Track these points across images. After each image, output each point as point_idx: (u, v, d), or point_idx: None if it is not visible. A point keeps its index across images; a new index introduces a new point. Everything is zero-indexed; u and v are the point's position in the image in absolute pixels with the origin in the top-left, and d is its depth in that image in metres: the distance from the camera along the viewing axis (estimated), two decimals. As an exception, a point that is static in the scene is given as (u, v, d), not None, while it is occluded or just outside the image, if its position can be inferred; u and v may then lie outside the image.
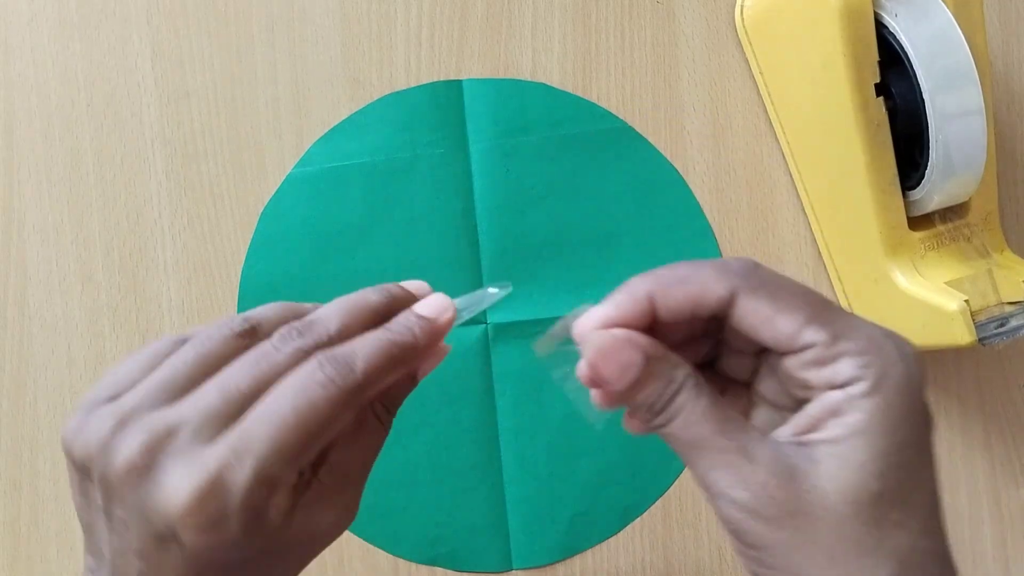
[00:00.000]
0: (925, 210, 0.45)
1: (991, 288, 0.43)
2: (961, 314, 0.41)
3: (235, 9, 0.52)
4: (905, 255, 0.45)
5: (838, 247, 0.49)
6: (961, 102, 0.41)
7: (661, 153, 0.51)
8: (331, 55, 0.51)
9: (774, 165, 0.51)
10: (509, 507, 0.50)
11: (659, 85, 0.52)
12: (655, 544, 0.50)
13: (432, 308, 0.31)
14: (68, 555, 0.51)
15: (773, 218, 0.51)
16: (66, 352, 0.51)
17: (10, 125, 0.52)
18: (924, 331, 0.44)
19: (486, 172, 0.51)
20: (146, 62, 0.52)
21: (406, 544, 0.50)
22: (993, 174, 0.46)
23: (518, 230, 0.51)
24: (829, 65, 0.43)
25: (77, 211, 0.51)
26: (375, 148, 0.51)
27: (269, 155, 0.51)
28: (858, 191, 0.44)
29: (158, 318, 0.51)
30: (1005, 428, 0.51)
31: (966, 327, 0.41)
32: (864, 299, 0.48)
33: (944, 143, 0.42)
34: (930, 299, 0.43)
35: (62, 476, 0.51)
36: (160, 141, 0.51)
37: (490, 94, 0.51)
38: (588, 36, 0.52)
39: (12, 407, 0.51)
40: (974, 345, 0.41)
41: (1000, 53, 0.52)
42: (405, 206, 0.51)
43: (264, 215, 0.51)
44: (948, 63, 0.41)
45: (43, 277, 0.51)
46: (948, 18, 0.42)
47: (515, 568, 0.50)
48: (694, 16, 0.52)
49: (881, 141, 0.43)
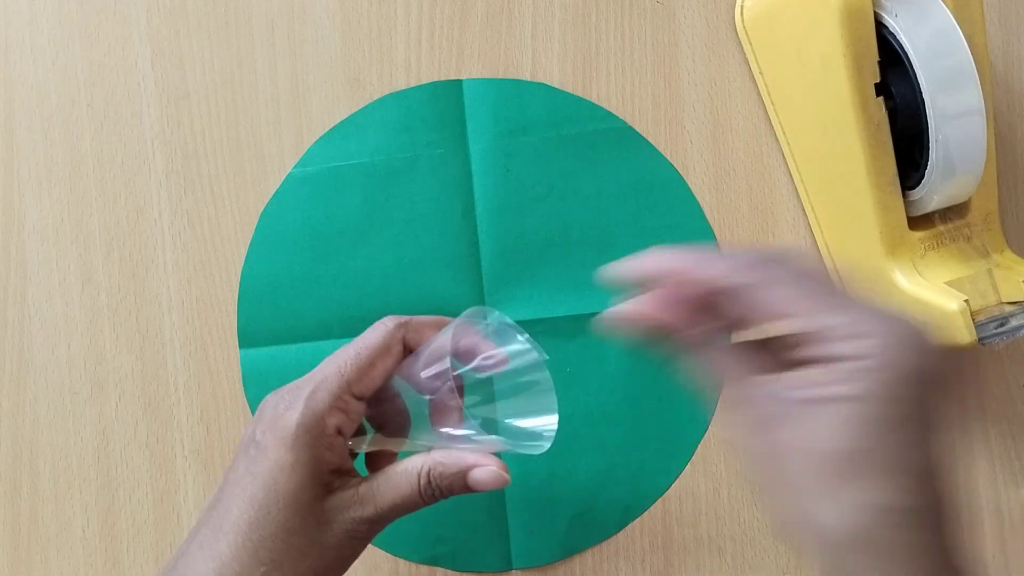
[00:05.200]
0: (925, 210, 0.45)
1: (991, 288, 0.43)
2: (961, 314, 0.41)
3: (235, 9, 0.52)
4: (905, 255, 0.45)
5: (837, 247, 0.49)
6: (961, 102, 0.41)
7: (661, 153, 0.51)
8: (331, 55, 0.51)
9: (774, 165, 0.51)
10: (509, 507, 0.50)
11: (659, 85, 0.52)
12: (655, 544, 0.50)
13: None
14: (68, 555, 0.51)
15: (773, 218, 0.51)
16: (66, 352, 0.51)
17: (10, 125, 0.52)
18: None
19: (486, 172, 0.51)
20: (146, 62, 0.52)
21: (406, 544, 0.50)
22: (993, 174, 0.46)
23: (518, 230, 0.51)
24: (829, 65, 0.43)
25: (77, 211, 0.51)
26: (375, 148, 0.51)
27: (269, 155, 0.51)
28: (858, 191, 0.44)
29: (158, 318, 0.51)
30: (1005, 428, 0.51)
31: (966, 327, 0.41)
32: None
33: (944, 143, 0.42)
34: (930, 299, 0.43)
35: (62, 476, 0.51)
36: (160, 141, 0.51)
37: (490, 94, 0.51)
38: (588, 36, 0.52)
39: (12, 407, 0.51)
40: (974, 345, 0.41)
41: (1000, 53, 0.52)
42: (405, 206, 0.51)
43: (264, 215, 0.51)
44: (948, 63, 0.41)
45: (43, 277, 0.51)
46: (948, 18, 0.42)
47: (515, 568, 0.50)
48: (694, 16, 0.52)
49: (881, 141, 0.43)
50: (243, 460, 0.36)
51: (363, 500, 0.36)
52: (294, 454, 0.35)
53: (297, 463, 0.35)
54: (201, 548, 0.35)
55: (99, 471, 0.51)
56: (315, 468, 0.36)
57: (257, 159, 0.51)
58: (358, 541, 0.37)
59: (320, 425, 0.36)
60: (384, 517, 0.37)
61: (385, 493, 0.37)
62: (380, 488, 0.37)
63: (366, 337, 0.39)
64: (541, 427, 0.39)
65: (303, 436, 0.36)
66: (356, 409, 0.38)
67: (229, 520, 0.35)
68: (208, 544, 0.35)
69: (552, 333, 0.50)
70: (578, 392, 0.50)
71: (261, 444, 0.36)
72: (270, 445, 0.36)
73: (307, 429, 0.36)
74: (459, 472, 0.37)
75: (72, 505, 0.51)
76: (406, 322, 0.39)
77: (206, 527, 0.36)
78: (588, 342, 0.50)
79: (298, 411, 0.36)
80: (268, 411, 0.37)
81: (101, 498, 0.51)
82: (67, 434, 0.51)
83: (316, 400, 0.36)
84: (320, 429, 0.36)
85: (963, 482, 0.51)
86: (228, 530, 0.35)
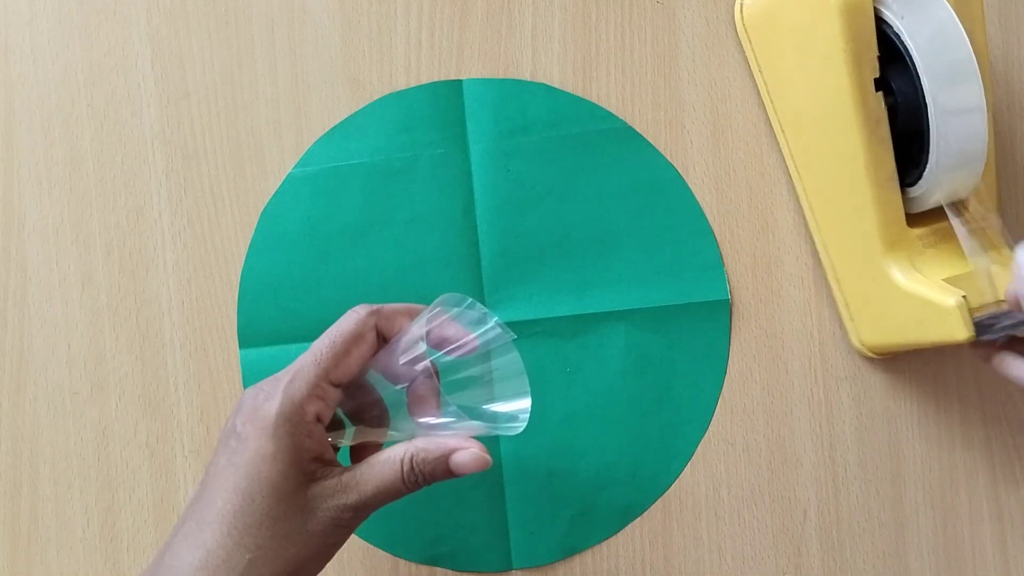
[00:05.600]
0: (924, 207, 0.45)
1: (989, 285, 0.43)
2: (959, 310, 0.41)
3: (235, 9, 0.52)
4: (903, 252, 0.45)
5: (835, 244, 0.49)
6: (963, 98, 0.41)
7: (661, 153, 0.51)
8: (331, 55, 0.51)
9: (774, 165, 0.51)
10: (509, 507, 0.50)
11: (659, 85, 0.52)
12: (655, 544, 0.50)
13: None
14: (68, 555, 0.51)
15: (773, 218, 0.51)
16: (66, 352, 0.51)
17: (10, 125, 0.52)
18: (920, 327, 0.44)
19: (486, 172, 0.51)
20: (146, 62, 0.52)
21: (406, 544, 0.50)
22: (992, 173, 0.46)
23: (518, 230, 0.51)
24: (829, 59, 0.43)
25: (77, 211, 0.51)
26: (375, 148, 0.51)
27: (269, 155, 0.51)
28: (856, 187, 0.44)
29: (158, 318, 0.51)
30: (1005, 428, 0.51)
31: (963, 323, 0.41)
32: (861, 296, 0.48)
33: (945, 139, 0.42)
34: (928, 295, 0.43)
35: (62, 476, 0.51)
36: (160, 141, 0.51)
37: (490, 94, 0.51)
38: (588, 36, 0.52)
39: (12, 407, 0.51)
40: (971, 340, 0.41)
41: (1000, 53, 0.52)
42: (405, 206, 0.51)
43: (264, 215, 0.51)
44: (950, 58, 0.41)
45: (43, 277, 0.51)
46: (950, 13, 0.42)
47: (515, 568, 0.50)
48: (694, 16, 0.52)
49: (880, 137, 0.43)
50: (224, 452, 0.37)
51: (346, 487, 0.37)
52: (275, 442, 0.36)
53: (278, 451, 0.36)
54: (186, 539, 0.36)
55: (99, 471, 0.51)
56: (296, 456, 0.36)
57: (257, 159, 0.51)
58: (342, 529, 0.37)
59: (299, 413, 0.37)
60: (368, 504, 0.37)
61: (368, 480, 0.37)
62: (363, 475, 0.37)
63: (339, 325, 0.39)
64: (517, 410, 0.40)
65: (283, 424, 0.36)
66: (333, 396, 0.39)
67: (213, 510, 0.36)
68: (193, 535, 0.36)
69: (552, 333, 0.50)
70: (578, 392, 0.50)
71: (242, 435, 0.36)
72: (251, 435, 0.36)
73: (287, 417, 0.36)
74: (441, 456, 0.38)
75: (72, 505, 0.51)
76: (377, 310, 0.40)
77: (190, 519, 0.36)
78: (588, 342, 0.50)
79: (277, 400, 0.37)
80: (248, 402, 0.37)
81: (101, 498, 0.51)
82: (67, 434, 0.51)
83: (294, 389, 0.37)
84: (299, 417, 0.37)
85: (963, 482, 0.51)
86: (212, 520, 0.36)
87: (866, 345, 0.50)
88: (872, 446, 0.51)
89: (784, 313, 0.51)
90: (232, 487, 0.36)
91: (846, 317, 0.50)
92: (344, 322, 0.39)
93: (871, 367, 0.51)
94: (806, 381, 0.51)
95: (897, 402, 0.51)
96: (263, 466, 0.36)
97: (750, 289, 0.51)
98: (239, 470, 0.36)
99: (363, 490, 0.37)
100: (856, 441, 0.51)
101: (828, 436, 0.51)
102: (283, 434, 0.36)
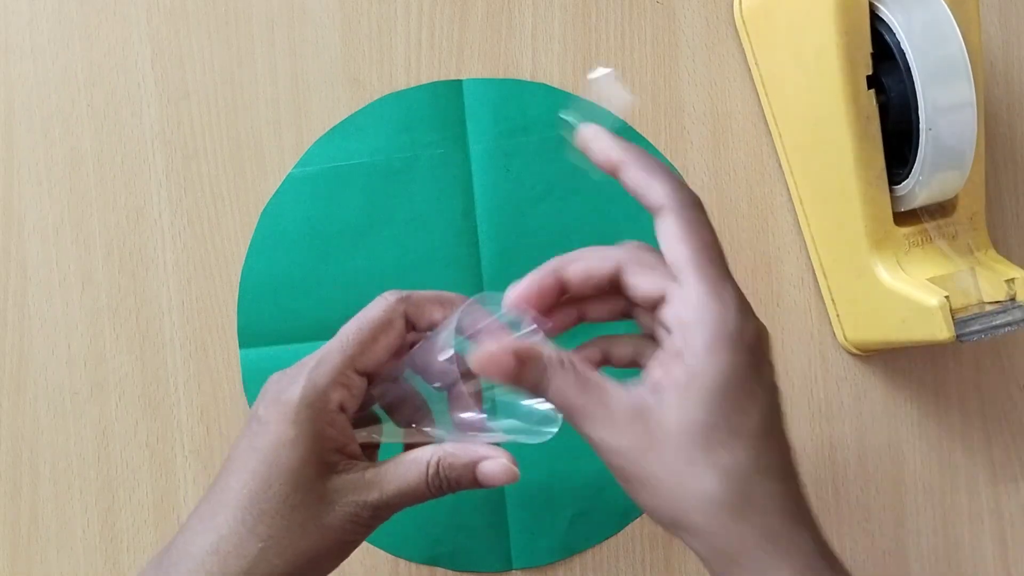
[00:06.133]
0: (911, 206, 0.45)
1: (973, 287, 0.43)
2: (941, 310, 0.41)
3: (235, 9, 0.52)
4: (889, 250, 0.45)
5: (824, 241, 0.49)
6: (953, 93, 0.42)
7: (661, 153, 0.51)
8: (331, 55, 0.51)
9: (774, 165, 0.51)
10: (509, 507, 0.50)
11: (659, 85, 0.52)
12: (655, 544, 0.50)
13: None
14: (68, 555, 0.51)
15: (773, 217, 0.51)
16: (66, 352, 0.51)
17: (10, 125, 0.52)
18: (904, 326, 0.44)
19: (486, 172, 0.51)
20: (146, 62, 0.52)
21: (406, 544, 0.50)
22: (981, 173, 0.46)
23: (518, 230, 0.51)
24: (822, 54, 0.43)
25: (77, 211, 0.51)
26: (375, 148, 0.51)
27: (269, 155, 0.51)
28: (845, 183, 0.45)
29: (158, 318, 0.51)
30: (1005, 428, 0.51)
31: (945, 323, 0.41)
32: (847, 293, 0.49)
33: (935, 135, 0.42)
34: (911, 294, 0.43)
35: (62, 476, 0.51)
36: (160, 141, 0.51)
37: (490, 94, 0.51)
38: (588, 36, 0.52)
39: (12, 407, 0.51)
40: (952, 341, 0.41)
41: (1000, 53, 0.52)
42: (405, 206, 0.51)
43: (264, 215, 0.51)
44: (942, 53, 0.41)
45: (43, 277, 0.51)
46: (943, 8, 0.42)
47: (515, 568, 0.50)
48: (694, 16, 0.52)
49: (870, 134, 0.43)
50: (246, 436, 0.36)
51: (369, 485, 0.36)
52: (296, 428, 0.35)
53: (299, 438, 0.35)
54: (201, 520, 0.35)
55: (99, 471, 0.51)
56: (317, 444, 0.36)
57: (257, 159, 0.51)
58: (360, 527, 0.36)
59: (322, 400, 0.36)
60: (389, 504, 0.36)
61: (392, 480, 0.36)
62: (387, 474, 0.36)
63: (367, 311, 0.38)
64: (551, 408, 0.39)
65: (305, 411, 0.35)
66: (359, 385, 0.37)
67: (229, 494, 0.35)
68: (207, 517, 0.35)
69: (552, 333, 0.50)
70: (578, 392, 0.50)
71: (263, 419, 0.36)
72: (272, 420, 0.36)
73: (309, 403, 0.36)
74: (469, 463, 0.37)
75: (72, 505, 0.51)
76: (407, 296, 0.39)
77: (207, 501, 0.36)
78: (588, 342, 0.50)
79: (300, 386, 0.36)
80: (271, 387, 0.37)
81: (101, 498, 0.51)
82: (67, 434, 0.51)
83: (318, 375, 0.36)
84: (322, 404, 0.36)
85: (963, 482, 0.51)
86: (227, 503, 0.35)
87: (851, 342, 0.50)
88: (872, 446, 0.51)
89: (784, 313, 0.51)
90: (250, 471, 0.35)
91: (832, 314, 0.50)
92: (372, 309, 0.38)
93: (871, 367, 0.51)
94: (806, 381, 0.51)
95: (897, 402, 0.51)
96: (282, 451, 0.35)
97: (750, 289, 0.51)
98: (258, 453, 0.35)
99: (385, 489, 0.36)
100: (856, 441, 0.51)
101: (828, 436, 0.51)
102: (304, 420, 0.35)
